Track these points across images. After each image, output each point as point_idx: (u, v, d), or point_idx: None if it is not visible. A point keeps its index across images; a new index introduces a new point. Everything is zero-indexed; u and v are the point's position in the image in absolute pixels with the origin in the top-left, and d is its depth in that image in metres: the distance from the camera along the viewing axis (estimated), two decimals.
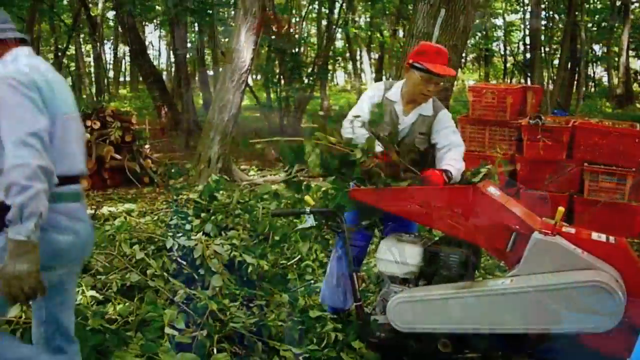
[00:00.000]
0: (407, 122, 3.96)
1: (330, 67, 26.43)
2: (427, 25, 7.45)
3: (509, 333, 3.25)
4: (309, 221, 3.57)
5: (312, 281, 5.06)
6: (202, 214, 6.10)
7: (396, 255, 3.55)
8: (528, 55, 28.11)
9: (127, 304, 3.88)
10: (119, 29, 30.42)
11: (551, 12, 24.16)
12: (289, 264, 5.33)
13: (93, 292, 3.94)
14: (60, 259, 2.53)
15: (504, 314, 3.17)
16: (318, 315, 4.07)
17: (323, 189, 3.67)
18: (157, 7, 25.36)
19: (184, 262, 4.47)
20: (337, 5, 22.75)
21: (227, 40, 25.83)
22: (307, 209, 3.57)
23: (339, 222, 3.62)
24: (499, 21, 34.65)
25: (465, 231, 3.38)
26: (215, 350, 3.52)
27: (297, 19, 28.99)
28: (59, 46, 31.38)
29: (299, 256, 5.39)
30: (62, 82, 2.63)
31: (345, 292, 4.06)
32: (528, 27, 27.11)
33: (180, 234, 4.94)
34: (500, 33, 35.17)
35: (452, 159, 3.76)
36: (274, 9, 18.95)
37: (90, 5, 23.27)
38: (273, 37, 19.13)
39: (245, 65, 10.65)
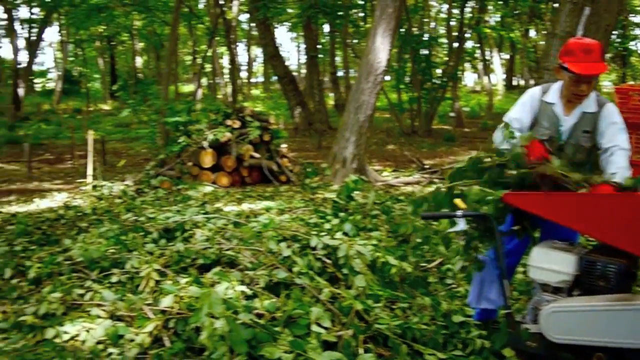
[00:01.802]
0: (569, 122, 3.82)
1: (460, 67, 26.02)
2: (570, 24, 7.22)
3: None
4: (461, 225, 3.50)
5: (454, 285, 5.01)
6: (341, 214, 6.17)
7: (549, 263, 3.43)
8: None
9: (273, 300, 3.96)
10: (252, 31, 31.36)
11: None
12: (429, 266, 5.30)
13: (243, 287, 4.06)
14: None
15: None
16: (462, 321, 4.02)
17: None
18: (289, 9, 25.94)
19: (328, 261, 4.52)
20: (468, 5, 22.40)
21: (358, 41, 26.09)
22: (459, 212, 3.50)
23: (491, 227, 3.52)
24: (637, 19, 32.87)
25: (626, 240, 3.22)
26: (360, 351, 3.53)
27: (427, 20, 28.80)
28: (196, 49, 32.79)
29: (440, 259, 5.34)
30: None
31: (493, 299, 3.96)
32: None
33: (323, 233, 5.02)
34: (638, 31, 33.35)
35: (620, 166, 3.57)
36: (407, 10, 18.87)
37: (225, 9, 24.05)
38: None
39: (381, 66, 10.65)
